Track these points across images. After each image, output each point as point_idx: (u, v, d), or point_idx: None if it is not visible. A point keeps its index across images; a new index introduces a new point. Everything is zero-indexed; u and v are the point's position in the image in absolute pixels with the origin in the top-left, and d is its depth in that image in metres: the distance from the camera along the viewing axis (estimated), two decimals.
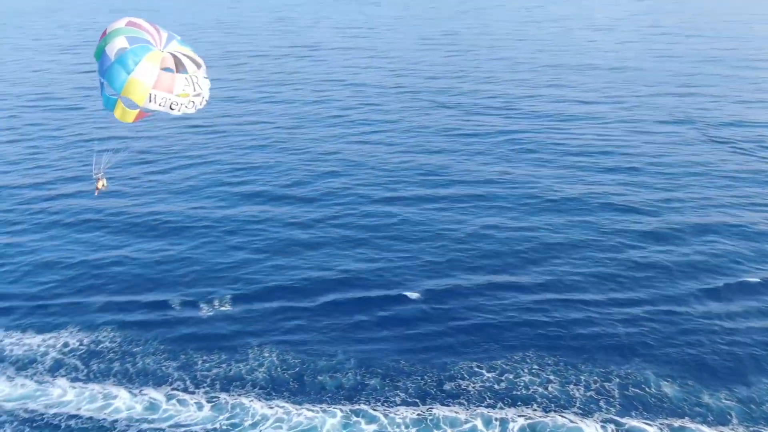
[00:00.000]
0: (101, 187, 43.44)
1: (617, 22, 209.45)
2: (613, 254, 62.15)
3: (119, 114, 32.59)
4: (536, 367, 47.93)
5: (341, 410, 44.82)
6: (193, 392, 47.20)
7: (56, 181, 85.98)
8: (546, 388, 45.83)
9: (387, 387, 46.69)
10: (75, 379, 48.90)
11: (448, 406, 44.63)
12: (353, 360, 49.53)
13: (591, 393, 45.25)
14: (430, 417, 43.79)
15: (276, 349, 51.01)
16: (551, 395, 45.22)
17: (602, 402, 44.40)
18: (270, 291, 59.16)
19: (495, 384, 46.43)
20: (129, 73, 30.88)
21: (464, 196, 75.98)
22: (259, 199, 78.00)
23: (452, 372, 47.77)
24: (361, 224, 70.70)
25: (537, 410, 43.93)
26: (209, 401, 46.27)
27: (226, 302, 57.69)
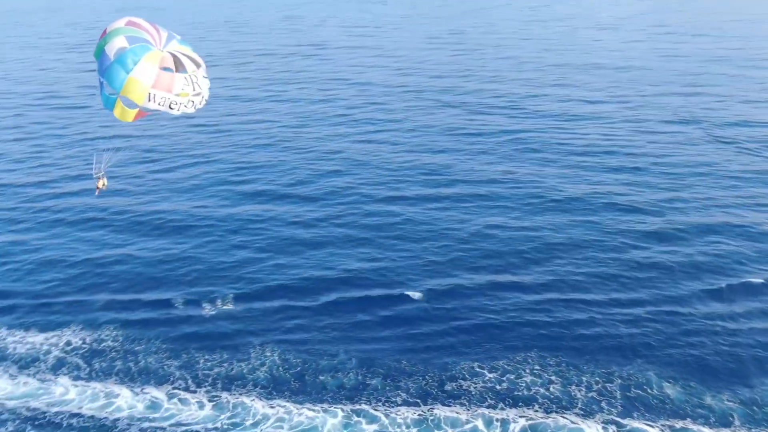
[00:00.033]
0: (102, 187, 43.50)
1: (622, 22, 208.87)
2: (616, 254, 61.95)
3: (118, 113, 32.66)
4: (538, 368, 47.81)
5: (342, 410, 44.80)
6: (195, 391, 47.27)
7: (60, 180, 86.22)
8: (548, 389, 45.71)
9: (388, 387, 46.65)
10: (77, 378, 49.06)
11: (450, 407, 44.56)
12: (354, 359, 49.50)
13: (593, 394, 45.12)
14: (431, 417, 43.72)
15: (278, 349, 51.02)
16: (553, 396, 45.10)
17: (604, 403, 44.26)
18: (272, 290, 59.20)
19: (496, 384, 46.34)
20: (128, 73, 30.93)
21: (468, 196, 75.83)
22: (263, 198, 78.04)
23: (454, 372, 47.69)
24: (364, 223, 70.66)
25: (538, 411, 43.82)
26: (210, 400, 46.34)
27: (229, 301, 57.73)
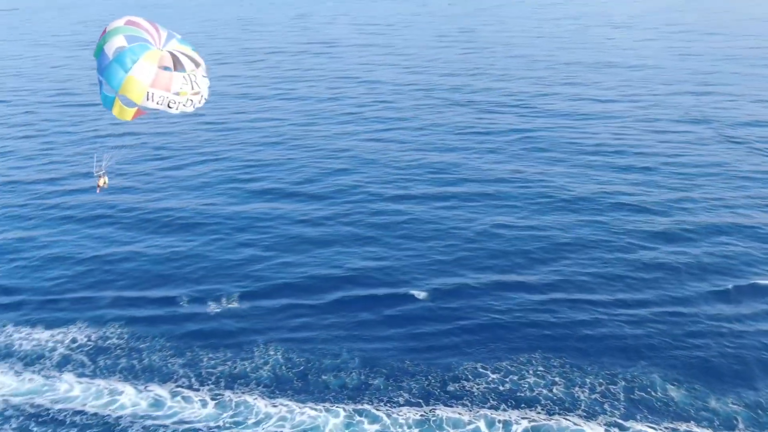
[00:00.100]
0: (102, 185, 43.64)
1: (635, 20, 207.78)
2: (623, 255, 61.56)
3: (117, 112, 32.73)
4: (541, 369, 47.57)
5: (344, 409, 44.74)
6: (198, 389, 47.33)
7: (70, 177, 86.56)
8: (551, 390, 45.45)
9: (391, 387, 46.55)
10: (82, 375, 49.23)
11: (452, 407, 44.40)
12: (358, 359, 49.42)
13: (596, 395, 44.84)
14: (433, 418, 43.58)
15: (281, 347, 51.02)
16: (556, 397, 44.84)
17: (607, 405, 43.97)
18: (278, 288, 59.23)
19: (499, 385, 46.13)
20: (127, 72, 30.96)
21: (475, 195, 75.60)
22: (270, 196, 78.09)
23: (456, 372, 47.53)
24: (371, 222, 70.58)
25: (541, 413, 43.57)
26: (213, 398, 46.40)
27: (234, 299, 57.79)
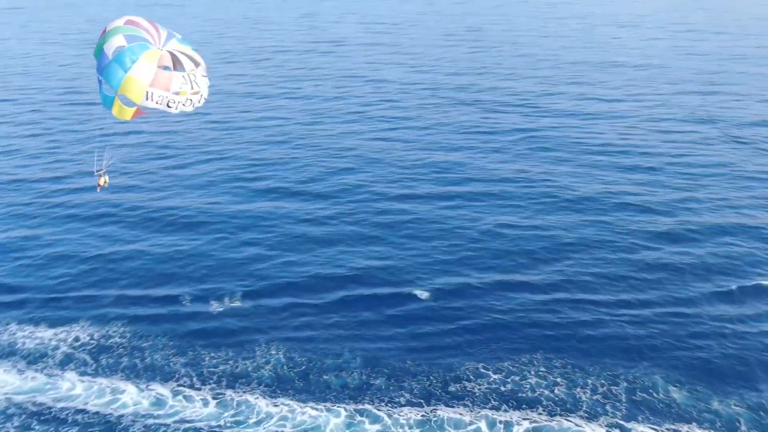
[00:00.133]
0: (103, 184, 43.71)
1: (642, 19, 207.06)
2: (627, 255, 61.40)
3: (117, 111, 32.81)
4: (543, 370, 47.48)
5: (345, 409, 44.74)
6: (200, 388, 47.39)
7: (75, 176, 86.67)
8: (552, 391, 45.36)
9: (392, 387, 46.52)
10: (84, 373, 49.32)
11: (453, 408, 44.35)
12: (359, 359, 49.41)
13: (597, 396, 44.74)
14: (435, 418, 43.54)
15: (283, 347, 51.04)
16: (557, 398, 44.76)
17: (608, 406, 43.88)
18: (280, 288, 59.26)
19: (501, 386, 46.05)
20: (126, 72, 31.01)
21: (479, 194, 75.49)
22: (274, 195, 78.13)
23: (458, 373, 47.47)
24: (375, 221, 70.54)
25: (542, 414, 43.50)
26: (215, 398, 46.45)
27: (237, 298, 57.84)
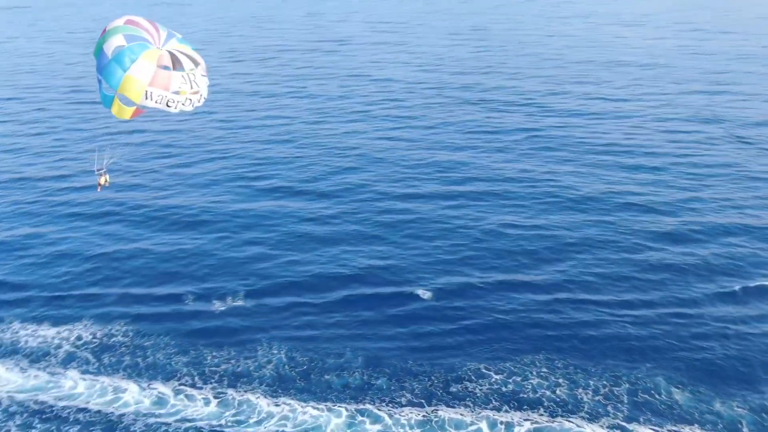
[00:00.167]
0: (104, 183, 43.73)
1: (648, 18, 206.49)
2: (630, 255, 61.21)
3: (116, 111, 32.83)
4: (545, 370, 47.33)
5: (346, 409, 44.69)
6: (201, 388, 47.38)
7: (80, 174, 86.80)
8: (554, 392, 45.22)
9: (393, 387, 46.45)
10: (86, 372, 49.35)
11: (454, 408, 44.26)
12: (361, 358, 49.35)
13: (599, 397, 44.59)
14: (436, 419, 43.45)
15: (285, 346, 51.02)
16: (559, 399, 44.61)
17: (610, 407, 43.72)
18: (283, 287, 59.24)
19: (502, 386, 45.93)
20: (125, 71, 31.02)
21: (483, 194, 75.37)
22: (278, 194, 78.13)
23: (460, 373, 47.36)
24: (378, 221, 70.48)
25: (543, 414, 43.37)
26: (216, 397, 46.44)
27: (239, 297, 57.83)
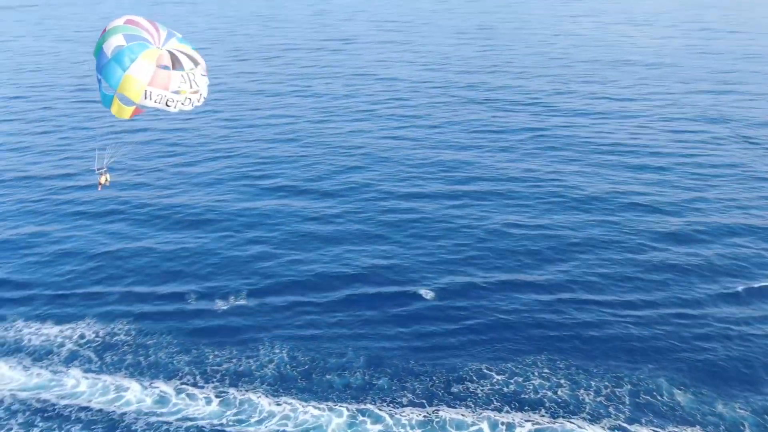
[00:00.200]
0: (104, 182, 43.79)
1: (656, 17, 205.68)
2: (633, 255, 61.00)
3: (115, 110, 32.87)
4: (547, 371, 47.20)
5: (348, 409, 44.67)
6: (203, 387, 47.44)
7: (85, 173, 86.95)
8: (555, 393, 45.09)
9: (395, 387, 46.41)
10: (88, 371, 49.48)
11: (455, 409, 44.19)
12: (362, 358, 49.32)
13: (601, 398, 44.46)
14: (436, 419, 43.39)
15: (287, 346, 51.03)
16: (560, 400, 44.49)
17: (612, 408, 43.59)
18: (285, 286, 59.25)
19: (504, 387, 45.82)
20: (125, 71, 31.05)
21: (487, 194, 75.23)
22: (282, 194, 78.14)
23: (461, 373, 47.27)
24: (382, 220, 70.42)
25: (545, 415, 43.26)
26: (218, 396, 46.50)
27: (242, 296, 57.86)
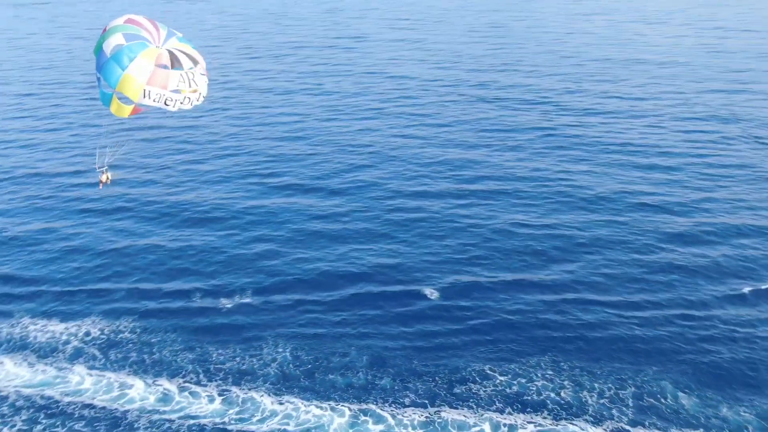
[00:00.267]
0: (105, 181, 43.83)
1: (669, 16, 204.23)
2: (640, 256, 60.59)
3: (115, 109, 32.93)
4: (550, 372, 46.98)
5: (349, 409, 44.64)
6: (206, 385, 47.56)
7: (94, 170, 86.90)
8: (558, 394, 44.88)
9: (397, 387, 46.33)
10: (93, 368, 49.72)
11: (457, 409, 44.07)
12: (365, 358, 49.25)
13: (604, 400, 44.22)
14: (438, 420, 43.29)
15: (290, 345, 51.05)
16: (563, 401, 44.27)
17: (615, 410, 43.33)
18: (291, 284, 59.26)
19: (506, 388, 45.63)
20: (123, 70, 31.08)
21: (494, 193, 74.96)
22: (289, 192, 78.11)
23: (464, 374, 47.12)
24: (388, 219, 70.30)
25: (547, 417, 43.06)
26: (221, 394, 46.60)
27: (247, 295, 57.91)
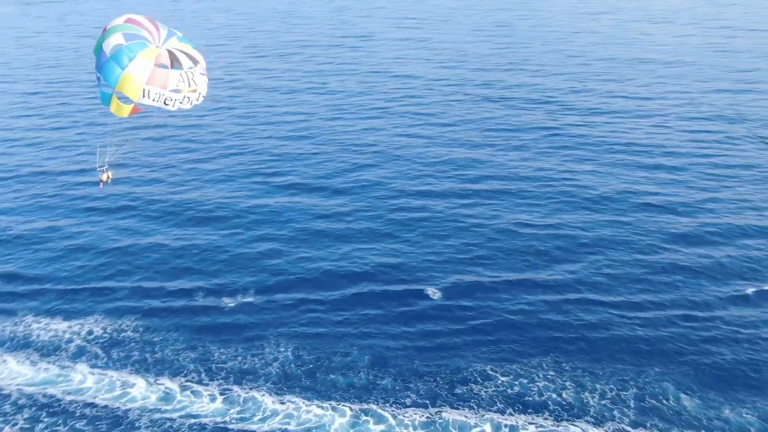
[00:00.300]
0: (106, 180, 43.88)
1: (675, 15, 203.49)
2: (643, 256, 60.39)
3: (114, 109, 32.97)
4: (552, 373, 46.88)
5: (351, 409, 44.64)
6: (207, 384, 47.65)
7: (99, 168, 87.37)
8: (560, 395, 44.78)
9: (398, 387, 46.31)
10: (95, 367, 49.88)
11: (458, 410, 44.01)
12: (367, 357, 49.25)
13: (606, 401, 44.10)
14: (439, 420, 43.25)
15: (292, 344, 51.08)
16: (565, 402, 44.18)
17: (616, 411, 43.23)
18: (293, 284, 59.31)
19: (508, 389, 45.55)
20: (123, 69, 31.11)
21: (498, 192, 74.81)
22: (293, 191, 78.13)
23: (465, 374, 47.07)
24: (392, 218, 70.25)
25: (549, 418, 42.98)
26: (222, 393, 46.68)
27: (249, 294, 57.97)
